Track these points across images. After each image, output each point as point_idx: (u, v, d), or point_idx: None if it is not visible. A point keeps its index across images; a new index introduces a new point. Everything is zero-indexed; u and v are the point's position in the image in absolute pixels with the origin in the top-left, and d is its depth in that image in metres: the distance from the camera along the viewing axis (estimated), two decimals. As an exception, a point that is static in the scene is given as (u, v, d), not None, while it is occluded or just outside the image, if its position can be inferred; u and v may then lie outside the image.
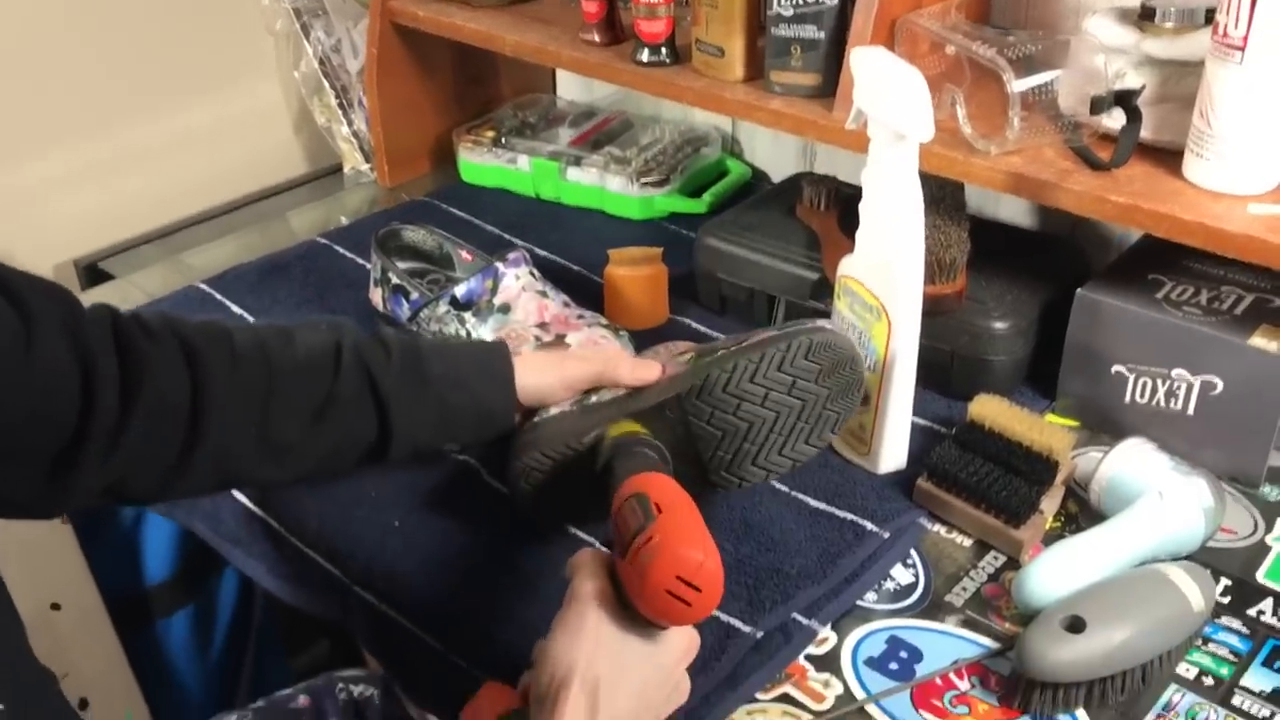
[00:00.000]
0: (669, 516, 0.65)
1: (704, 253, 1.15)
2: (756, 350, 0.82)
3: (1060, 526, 0.90)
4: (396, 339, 0.83)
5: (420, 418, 0.81)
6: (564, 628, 0.64)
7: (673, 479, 0.71)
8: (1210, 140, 0.87)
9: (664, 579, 0.62)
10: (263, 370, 0.76)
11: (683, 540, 0.63)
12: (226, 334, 0.76)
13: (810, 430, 0.84)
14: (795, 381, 0.82)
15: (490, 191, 1.46)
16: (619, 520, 0.68)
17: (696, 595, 0.62)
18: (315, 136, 1.54)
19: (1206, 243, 0.85)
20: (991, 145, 0.95)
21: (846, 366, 0.83)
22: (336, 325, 0.82)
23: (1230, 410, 0.91)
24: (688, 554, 0.62)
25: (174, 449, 0.72)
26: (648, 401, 0.83)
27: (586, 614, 0.64)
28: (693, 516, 0.66)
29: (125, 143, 1.38)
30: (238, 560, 0.98)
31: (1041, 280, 1.04)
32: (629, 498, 0.69)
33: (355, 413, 0.79)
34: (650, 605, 0.63)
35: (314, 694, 0.94)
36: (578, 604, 0.65)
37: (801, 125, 1.05)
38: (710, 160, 1.43)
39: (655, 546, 0.63)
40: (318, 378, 0.78)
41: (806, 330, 0.82)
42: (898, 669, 0.79)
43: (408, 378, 0.81)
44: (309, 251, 1.32)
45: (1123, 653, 0.74)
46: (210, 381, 0.73)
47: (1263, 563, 0.87)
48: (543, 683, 0.62)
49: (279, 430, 0.76)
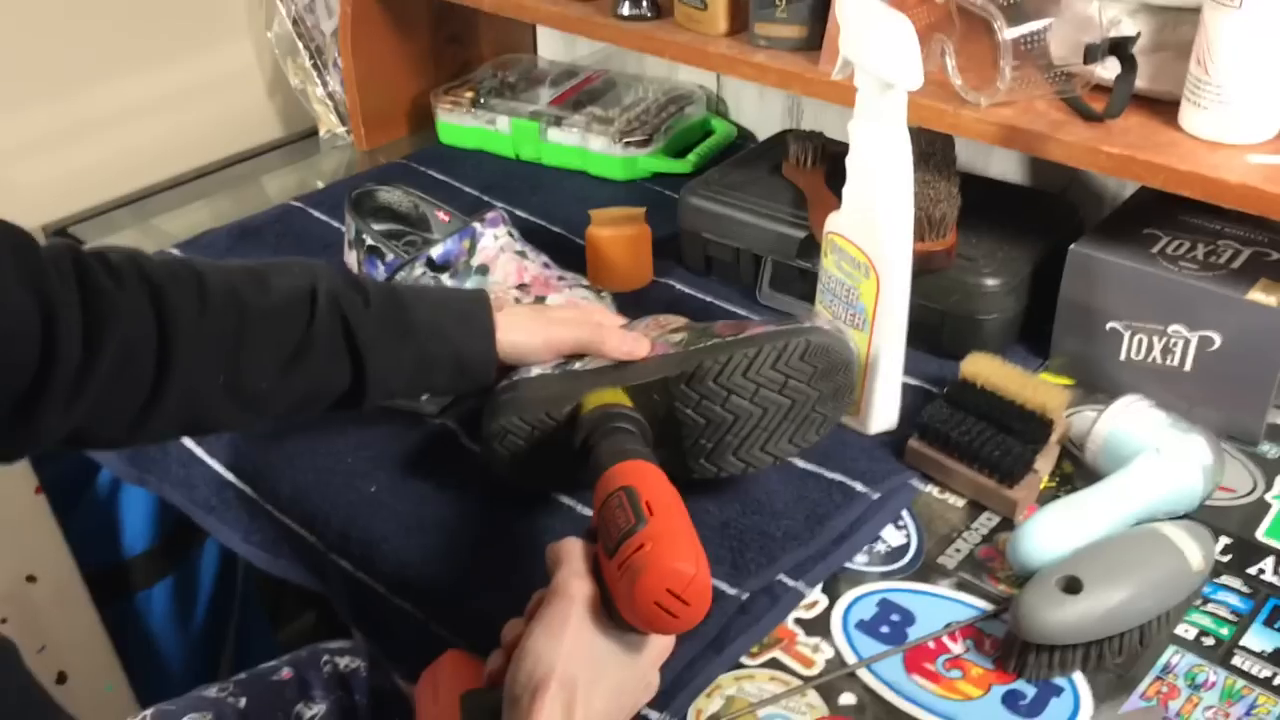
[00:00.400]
0: (661, 522, 0.63)
1: (688, 212, 1.13)
2: (753, 345, 0.79)
3: (1055, 486, 0.89)
4: (374, 284, 0.80)
5: (397, 367, 0.78)
6: (546, 626, 0.62)
7: (659, 469, 0.69)
8: (1208, 89, 0.85)
9: (653, 591, 0.60)
10: (233, 316, 0.72)
11: (675, 551, 0.61)
12: (196, 276, 0.73)
13: (795, 430, 0.82)
14: (788, 380, 0.80)
15: (469, 153, 1.43)
16: (607, 513, 0.66)
17: (684, 609, 0.61)
18: (289, 99, 1.50)
19: (1204, 194, 0.83)
20: (982, 97, 0.93)
21: (840, 371, 0.81)
22: (310, 268, 0.78)
23: (1228, 366, 0.89)
24: (680, 568, 0.60)
25: (140, 396, 0.69)
26: (634, 379, 0.81)
27: (570, 615, 0.62)
28: (684, 522, 0.64)
29: (95, 105, 1.34)
30: (212, 528, 0.96)
31: (1034, 236, 1.02)
32: (618, 490, 0.66)
33: (329, 360, 0.76)
34: (636, 615, 0.62)
35: (298, 666, 0.92)
36: (562, 603, 0.63)
37: (787, 79, 1.02)
38: (695, 119, 1.40)
39: (646, 556, 0.61)
40: (291, 324, 0.74)
41: (805, 330, 0.80)
42: (889, 632, 0.77)
43: (386, 326, 0.78)
44: (283, 215, 1.29)
45: (1120, 614, 0.72)
46: (178, 328, 0.70)
47: (1263, 521, 0.85)
48: (519, 680, 0.61)
49: (249, 378, 0.73)
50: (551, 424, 0.81)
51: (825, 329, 0.81)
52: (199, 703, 0.86)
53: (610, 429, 0.76)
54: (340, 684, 0.89)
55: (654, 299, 1.12)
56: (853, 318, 0.88)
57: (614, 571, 0.63)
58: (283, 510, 0.90)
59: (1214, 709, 0.71)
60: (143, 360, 0.69)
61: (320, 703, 0.87)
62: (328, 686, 0.88)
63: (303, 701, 0.87)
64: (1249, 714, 0.71)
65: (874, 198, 0.84)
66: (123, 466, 1.03)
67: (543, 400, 0.82)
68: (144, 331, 0.69)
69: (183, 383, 0.70)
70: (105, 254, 0.71)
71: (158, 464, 1.00)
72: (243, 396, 0.73)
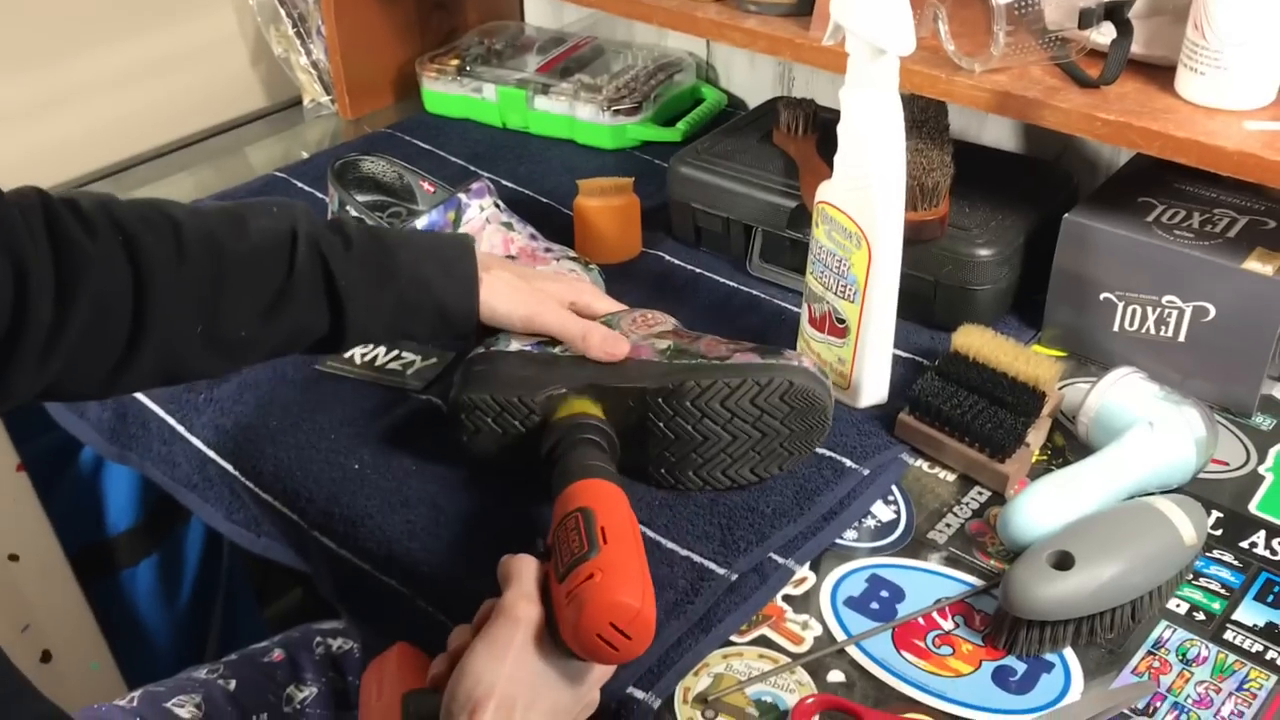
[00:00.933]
0: (614, 551, 0.64)
1: (677, 182, 1.11)
2: (737, 375, 0.79)
3: (1047, 459, 0.88)
4: (356, 226, 0.78)
5: (377, 312, 0.77)
6: (489, 646, 0.62)
7: (620, 492, 0.70)
8: (1205, 54, 0.83)
9: (597, 623, 0.61)
10: (210, 263, 0.71)
11: (623, 585, 0.62)
12: (172, 222, 0.71)
13: (760, 460, 0.82)
14: (763, 415, 0.80)
15: (456, 122, 1.41)
16: (562, 534, 0.66)
17: (626, 643, 0.61)
18: (273, 68, 1.48)
19: (1201, 161, 0.82)
20: (975, 63, 0.91)
21: (816, 415, 0.81)
22: (289, 208, 0.76)
23: (1223, 337, 0.88)
24: (625, 602, 0.61)
25: (115, 349, 0.68)
26: (613, 381, 0.80)
27: (514, 638, 0.62)
28: (637, 553, 0.65)
29: (74, 76, 1.32)
30: (194, 505, 0.95)
31: (1027, 205, 1.00)
32: (576, 511, 0.67)
33: (308, 306, 0.74)
34: (578, 644, 0.62)
35: (289, 647, 0.90)
36: (508, 625, 0.62)
37: (777, 45, 1.01)
38: (684, 87, 1.38)
39: (594, 587, 0.62)
40: (270, 270, 0.73)
41: (791, 370, 0.80)
42: (879, 609, 0.76)
43: (367, 270, 0.76)
44: (267, 186, 1.27)
45: (1112, 589, 0.71)
46: (154, 278, 0.68)
47: (1255, 494, 0.84)
48: (459, 697, 0.60)
49: (228, 326, 0.71)
50: (523, 409, 0.81)
51: (810, 371, 0.81)
52: (188, 684, 0.85)
53: (578, 440, 0.76)
54: (332, 666, 0.88)
55: (643, 270, 1.10)
56: (844, 289, 0.87)
57: (561, 597, 0.63)
58: (265, 488, 0.88)
59: (1205, 684, 0.70)
60: (118, 314, 0.67)
61: (311, 685, 0.85)
62: (319, 668, 0.87)
63: (294, 683, 0.86)
64: (1240, 689, 0.70)
65: (866, 166, 0.83)
66: (104, 444, 1.02)
67: (517, 382, 0.81)
68: (119, 284, 0.67)
69: (159, 334, 0.69)
70: (77, 202, 0.68)
71: (139, 441, 0.98)
72: (221, 345, 0.72)
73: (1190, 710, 0.69)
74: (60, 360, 0.65)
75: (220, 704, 0.83)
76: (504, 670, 0.60)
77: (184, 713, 0.82)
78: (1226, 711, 0.69)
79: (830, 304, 0.89)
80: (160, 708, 0.82)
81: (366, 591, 0.82)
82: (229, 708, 0.83)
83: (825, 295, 0.89)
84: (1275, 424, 0.90)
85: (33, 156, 1.30)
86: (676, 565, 0.78)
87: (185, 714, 0.82)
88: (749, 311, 1.04)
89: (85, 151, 1.34)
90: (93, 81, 1.33)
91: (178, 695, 0.84)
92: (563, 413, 0.79)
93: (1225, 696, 0.70)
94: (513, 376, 0.81)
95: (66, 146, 1.33)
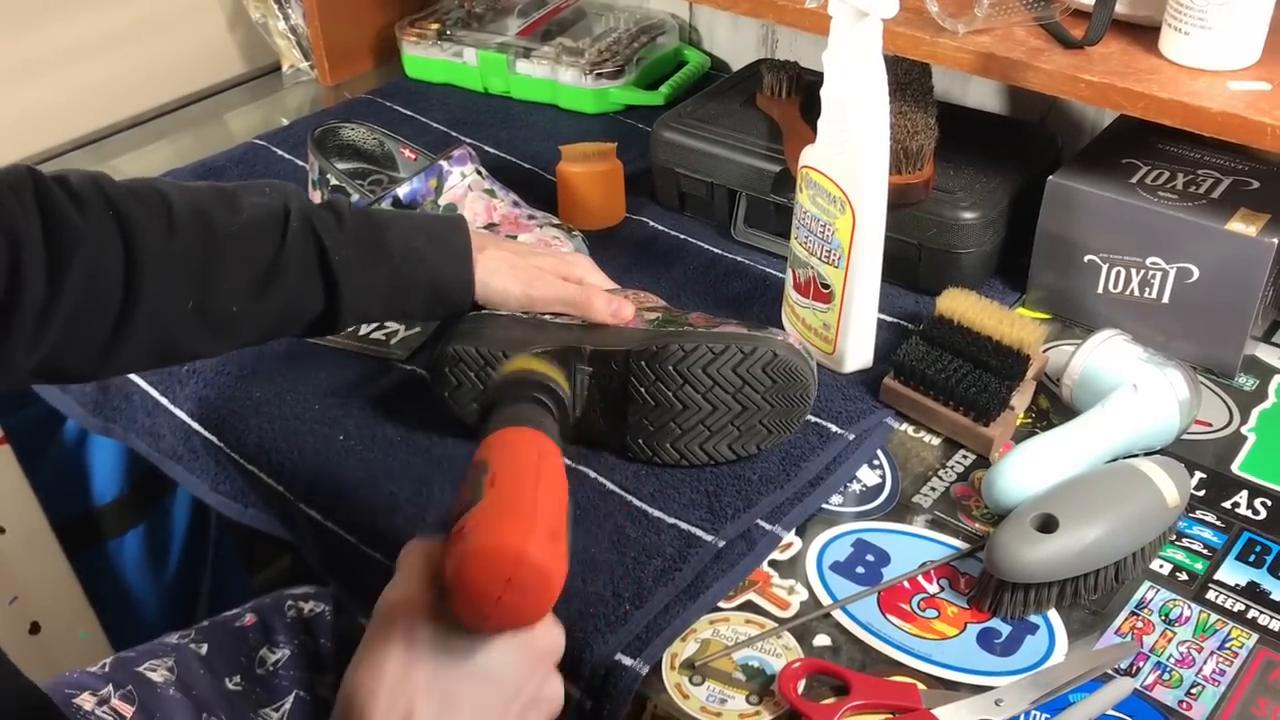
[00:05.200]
0: (499, 494, 0.53)
1: (661, 146, 1.10)
2: (720, 341, 0.79)
3: (1031, 422, 0.88)
4: (350, 205, 0.78)
5: (371, 289, 0.76)
6: (365, 653, 0.54)
7: (536, 436, 0.59)
8: (1189, 13, 0.83)
9: (474, 577, 0.50)
10: (201, 236, 0.70)
11: (502, 526, 0.51)
12: (162, 198, 0.70)
13: (738, 436, 0.82)
14: (744, 386, 0.80)
15: (436, 87, 1.39)
16: (458, 496, 0.56)
17: (516, 595, 0.50)
18: (251, 33, 1.45)
19: (1185, 122, 0.82)
20: (959, 24, 0.91)
21: (798, 393, 0.81)
22: (281, 188, 0.76)
23: (1206, 298, 0.88)
24: (501, 544, 0.50)
25: (107, 327, 0.67)
26: (598, 344, 0.80)
27: (391, 634, 0.53)
28: (530, 495, 0.54)
29: (48, 42, 1.29)
30: (180, 477, 0.95)
31: (1012, 168, 1.00)
32: (472, 465, 0.57)
33: (302, 282, 0.74)
34: (460, 608, 0.52)
35: (261, 612, 0.90)
36: (379, 623, 0.54)
37: (760, 7, 1.00)
38: (667, 50, 1.37)
39: (467, 535, 0.51)
40: (262, 244, 0.72)
41: (775, 342, 0.79)
42: (864, 573, 0.77)
43: (361, 247, 0.76)
44: (246, 154, 1.26)
45: (1096, 551, 0.72)
46: (146, 254, 0.67)
47: (1238, 454, 0.85)
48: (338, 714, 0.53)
49: (220, 301, 0.71)
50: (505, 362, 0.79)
51: (794, 347, 0.80)
52: (160, 649, 0.85)
53: (510, 399, 0.64)
54: (304, 629, 0.88)
55: (626, 237, 1.10)
56: (828, 254, 0.87)
57: (443, 562, 0.53)
58: (250, 459, 0.88)
59: (1188, 643, 0.71)
60: (109, 290, 0.67)
61: (284, 647, 0.86)
62: (291, 631, 0.87)
63: (266, 646, 0.86)
64: (1222, 648, 0.71)
65: (849, 130, 0.82)
66: (87, 417, 1.01)
67: (502, 340, 0.81)
68: (110, 260, 0.67)
69: (151, 309, 0.68)
70: (67, 178, 0.68)
71: (123, 413, 0.98)
72: (214, 320, 0.71)
73: (1173, 670, 0.70)
74: (53, 336, 0.65)
75: (192, 667, 0.83)
76: (384, 680, 0.52)
77: (156, 676, 0.82)
78: (1208, 670, 0.70)
79: (815, 269, 0.88)
80: (132, 672, 0.82)
81: (353, 562, 0.82)
82: (201, 670, 0.83)
83: (810, 260, 0.89)
84: (1258, 384, 0.91)
85: (10, 124, 1.28)
86: (664, 533, 0.78)
87: (158, 678, 0.82)
88: (733, 277, 1.04)
89: (63, 120, 1.33)
90: (69, 48, 1.31)
91: (149, 660, 0.84)
92: (512, 368, 0.67)
93: (1207, 656, 0.70)
94: (499, 334, 0.81)
95: (44, 114, 1.31)
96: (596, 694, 0.70)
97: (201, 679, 0.83)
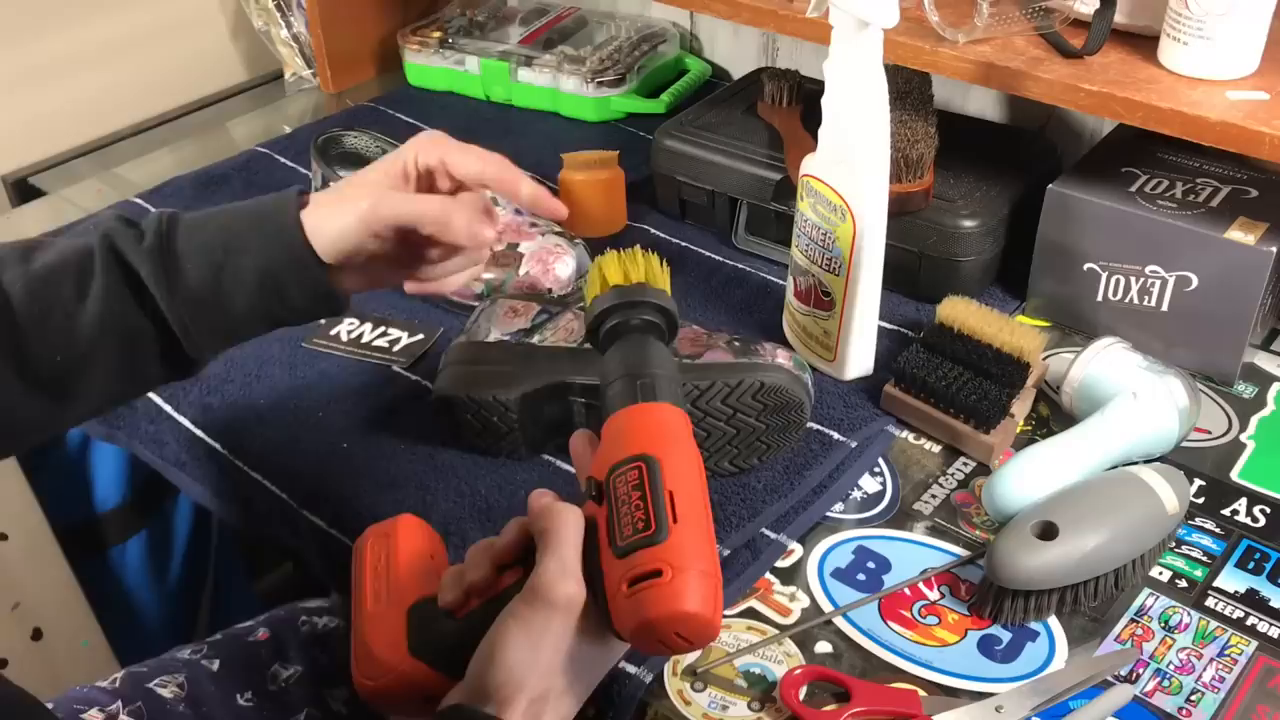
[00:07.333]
0: (685, 536, 0.55)
1: (662, 155, 1.11)
2: (705, 377, 0.79)
3: (1031, 430, 0.88)
4: (165, 213, 0.68)
5: (193, 299, 0.66)
6: (525, 633, 0.57)
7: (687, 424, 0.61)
8: (1188, 23, 0.83)
9: (662, 631, 0.54)
10: None
11: (696, 591, 0.54)
12: None
13: (738, 453, 0.82)
14: (735, 414, 0.80)
15: (438, 95, 1.40)
16: (621, 486, 0.57)
17: (687, 646, 0.56)
18: (253, 41, 1.46)
19: (1183, 131, 0.82)
20: (959, 34, 0.91)
21: (792, 410, 0.81)
22: (101, 223, 0.67)
23: (1205, 306, 0.88)
24: (696, 613, 0.54)
25: None
26: (588, 379, 0.80)
27: (552, 623, 0.57)
28: (707, 534, 0.57)
29: (53, 50, 1.30)
30: (183, 484, 0.95)
31: (1011, 176, 1.00)
32: (637, 461, 0.58)
33: (117, 309, 0.65)
34: (633, 639, 0.56)
35: (274, 626, 0.90)
36: (544, 610, 0.57)
37: (761, 16, 1.00)
38: (668, 58, 1.38)
39: (663, 591, 0.54)
40: (63, 284, 0.65)
41: (762, 368, 0.80)
42: (865, 580, 0.77)
43: (167, 256, 0.65)
44: (249, 162, 1.26)
45: (1095, 558, 0.72)
46: None
47: (1237, 462, 0.85)
48: (488, 687, 0.57)
49: (39, 357, 0.64)
50: (499, 407, 0.81)
51: (785, 367, 0.81)
52: (171, 664, 0.85)
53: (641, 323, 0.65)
54: (318, 644, 0.88)
55: (628, 245, 1.08)
56: (829, 262, 0.87)
57: (620, 584, 0.55)
58: (253, 466, 0.88)
59: (1187, 650, 0.72)
60: None
61: (296, 663, 0.85)
62: (304, 646, 0.87)
63: (278, 662, 0.86)
64: (1221, 654, 0.71)
65: (850, 140, 0.83)
66: (91, 423, 1.01)
67: (492, 378, 0.81)
68: None
69: None
70: None
71: (126, 420, 0.98)
72: (43, 380, 0.65)
73: (1172, 676, 0.70)
74: None
75: (204, 684, 0.83)
76: (540, 663, 0.57)
77: (166, 692, 0.82)
78: (1208, 677, 0.70)
79: (816, 277, 0.89)
80: (143, 688, 0.82)
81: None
82: (212, 687, 0.82)
83: (811, 268, 0.89)
84: (1257, 392, 0.91)
85: (15, 132, 1.29)
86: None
87: (168, 694, 0.82)
88: (735, 285, 1.04)
89: (67, 126, 1.33)
90: (73, 56, 1.31)
91: (160, 675, 0.84)
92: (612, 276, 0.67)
93: (1206, 662, 0.71)
94: (487, 372, 0.81)
95: (48, 121, 1.31)
96: (599, 701, 0.70)
97: (212, 695, 0.82)
